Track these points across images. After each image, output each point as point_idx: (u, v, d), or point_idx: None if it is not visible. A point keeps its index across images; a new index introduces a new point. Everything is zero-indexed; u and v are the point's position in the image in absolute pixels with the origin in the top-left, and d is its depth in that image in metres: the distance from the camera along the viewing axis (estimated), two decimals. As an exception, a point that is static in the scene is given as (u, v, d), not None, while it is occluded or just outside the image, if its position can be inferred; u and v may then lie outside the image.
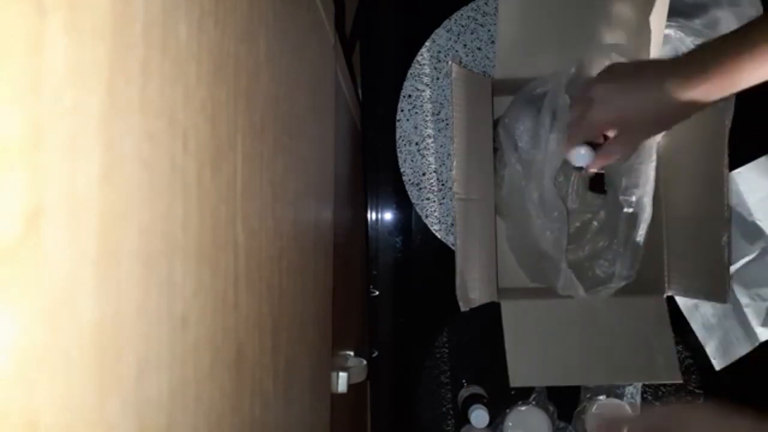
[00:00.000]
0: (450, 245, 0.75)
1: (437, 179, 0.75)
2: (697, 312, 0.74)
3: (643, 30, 0.63)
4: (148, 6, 0.19)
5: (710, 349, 0.74)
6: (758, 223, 0.71)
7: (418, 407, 0.76)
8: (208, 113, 0.24)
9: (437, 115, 0.75)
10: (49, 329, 0.14)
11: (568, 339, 0.65)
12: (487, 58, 0.75)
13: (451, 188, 0.74)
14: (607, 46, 0.58)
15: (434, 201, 0.75)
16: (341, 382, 0.54)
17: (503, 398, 0.73)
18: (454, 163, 0.60)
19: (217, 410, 0.25)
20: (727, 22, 0.71)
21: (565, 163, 0.60)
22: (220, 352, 0.26)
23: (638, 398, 0.74)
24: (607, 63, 0.57)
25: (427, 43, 0.76)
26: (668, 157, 0.67)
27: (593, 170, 0.59)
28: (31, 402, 0.13)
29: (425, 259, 0.76)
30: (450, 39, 0.76)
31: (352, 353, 0.67)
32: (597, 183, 0.56)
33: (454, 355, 0.76)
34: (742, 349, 0.73)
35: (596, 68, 0.58)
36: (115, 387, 0.17)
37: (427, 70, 0.76)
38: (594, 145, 0.57)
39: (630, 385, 0.74)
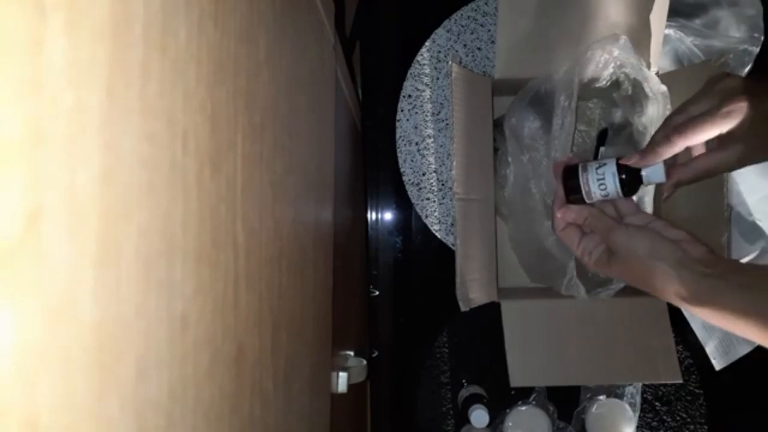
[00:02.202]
0: (450, 245, 0.75)
1: (437, 179, 0.75)
2: (697, 312, 0.74)
3: (643, 30, 0.63)
4: (148, 7, 0.19)
5: (710, 349, 0.74)
6: (758, 223, 0.71)
7: (418, 407, 0.76)
8: (207, 113, 0.24)
9: (437, 115, 0.75)
10: (49, 329, 0.14)
11: (568, 339, 0.65)
12: (487, 58, 0.75)
13: (451, 188, 0.74)
14: (606, 38, 0.57)
15: (434, 201, 0.75)
16: (341, 382, 0.55)
17: (503, 398, 0.73)
18: (454, 163, 0.60)
19: (217, 410, 0.25)
20: (727, 22, 0.71)
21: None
22: (219, 352, 0.26)
23: (638, 398, 0.74)
24: (607, 57, 0.57)
25: (427, 43, 0.76)
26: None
27: (668, 191, 0.52)
28: (30, 401, 0.13)
29: (425, 259, 0.76)
30: (450, 39, 0.76)
31: (352, 353, 0.67)
32: (632, 182, 0.51)
33: (454, 355, 0.76)
34: (742, 349, 0.73)
35: (597, 65, 0.58)
36: (115, 387, 0.17)
37: (427, 70, 0.76)
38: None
39: (630, 385, 0.74)
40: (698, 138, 0.46)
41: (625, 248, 0.46)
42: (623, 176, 0.50)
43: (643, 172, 0.50)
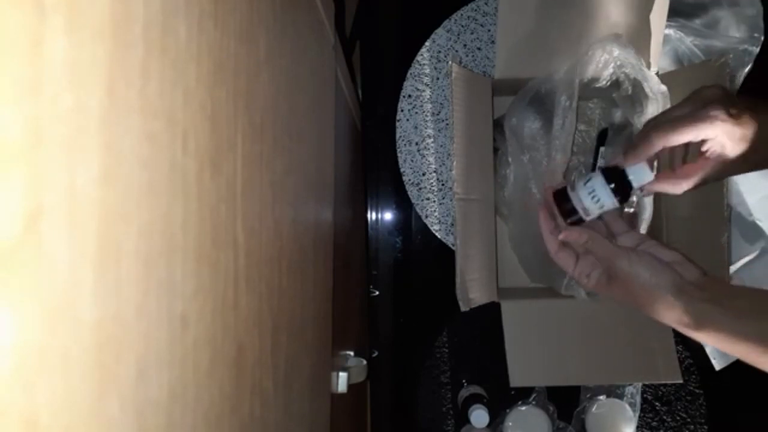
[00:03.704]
0: (450, 245, 0.75)
1: (437, 179, 0.75)
2: (697, 312, 0.74)
3: (643, 30, 0.63)
4: (148, 7, 0.19)
5: (710, 349, 0.74)
6: (758, 223, 0.71)
7: (418, 407, 0.76)
8: (207, 113, 0.24)
9: (437, 115, 0.75)
10: (49, 329, 0.14)
11: (568, 339, 0.65)
12: (487, 58, 0.75)
13: (451, 188, 0.74)
14: (606, 38, 0.57)
15: (434, 201, 0.75)
16: (341, 382, 0.55)
17: (503, 398, 0.73)
18: (454, 163, 0.60)
19: (217, 410, 0.25)
20: (727, 22, 0.71)
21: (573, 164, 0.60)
22: (219, 352, 0.26)
23: (638, 398, 0.74)
24: (607, 57, 0.57)
25: (427, 43, 0.76)
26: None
27: (650, 191, 0.53)
28: (30, 401, 0.13)
29: (425, 259, 0.76)
30: (450, 39, 0.76)
31: (352, 353, 0.67)
32: (622, 188, 0.50)
33: (454, 355, 0.76)
34: (742, 349, 0.73)
35: (597, 65, 0.58)
36: (115, 387, 0.17)
37: (427, 70, 0.76)
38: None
39: (630, 385, 0.74)
40: (676, 138, 0.46)
41: (626, 274, 0.46)
42: (612, 184, 0.50)
43: (629, 175, 0.50)
